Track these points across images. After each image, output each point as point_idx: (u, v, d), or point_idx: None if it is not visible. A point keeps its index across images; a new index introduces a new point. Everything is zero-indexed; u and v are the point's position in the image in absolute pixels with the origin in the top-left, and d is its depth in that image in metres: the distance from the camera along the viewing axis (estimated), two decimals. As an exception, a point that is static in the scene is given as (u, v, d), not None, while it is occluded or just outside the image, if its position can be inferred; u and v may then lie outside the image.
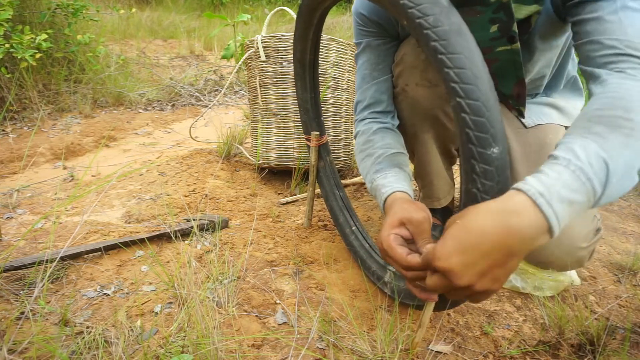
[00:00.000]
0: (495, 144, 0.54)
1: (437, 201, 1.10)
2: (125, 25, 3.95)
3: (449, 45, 0.55)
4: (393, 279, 0.89)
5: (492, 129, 0.54)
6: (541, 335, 0.85)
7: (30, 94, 2.20)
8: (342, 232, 1.10)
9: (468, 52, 0.55)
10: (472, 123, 0.54)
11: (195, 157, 1.75)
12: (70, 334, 0.74)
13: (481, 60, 0.56)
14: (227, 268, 0.96)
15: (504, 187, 0.55)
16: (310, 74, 1.12)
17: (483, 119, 0.54)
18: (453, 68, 0.55)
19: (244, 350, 0.74)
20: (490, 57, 0.79)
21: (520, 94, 0.84)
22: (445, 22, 0.56)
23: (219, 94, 2.21)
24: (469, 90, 0.54)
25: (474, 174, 0.56)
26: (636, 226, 1.41)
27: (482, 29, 0.74)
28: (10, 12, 1.87)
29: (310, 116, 1.18)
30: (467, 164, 0.57)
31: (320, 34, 1.03)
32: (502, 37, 0.74)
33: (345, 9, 6.21)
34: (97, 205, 1.33)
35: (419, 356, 0.77)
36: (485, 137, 0.54)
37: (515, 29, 0.72)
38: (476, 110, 0.54)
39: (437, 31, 0.56)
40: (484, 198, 0.56)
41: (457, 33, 0.56)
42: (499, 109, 0.56)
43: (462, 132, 0.56)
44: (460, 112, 0.55)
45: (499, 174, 0.55)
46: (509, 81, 0.83)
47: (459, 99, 0.55)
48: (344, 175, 1.71)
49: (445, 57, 0.55)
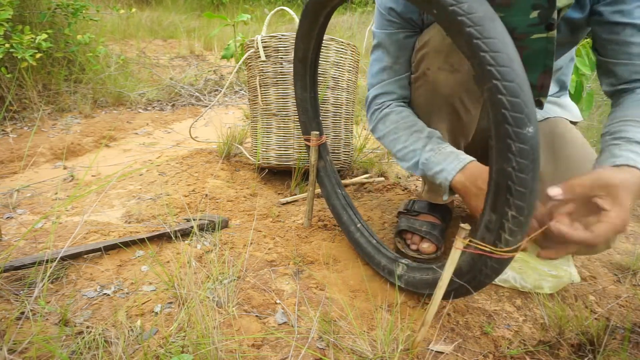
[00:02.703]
0: (530, 123, 0.57)
1: (441, 196, 1.10)
2: (125, 25, 3.94)
3: (485, 30, 0.58)
4: (407, 272, 0.89)
5: (527, 109, 0.57)
6: (541, 335, 0.85)
7: (30, 94, 2.20)
8: (347, 230, 1.10)
9: (502, 37, 0.59)
10: (509, 104, 0.57)
11: (195, 157, 1.75)
12: (70, 334, 0.74)
13: (512, 44, 0.59)
14: (227, 268, 0.96)
15: (536, 166, 0.58)
16: (311, 73, 1.12)
17: (519, 99, 0.57)
18: (489, 52, 0.58)
19: (244, 350, 0.74)
20: (522, 44, 0.79)
21: (545, 85, 0.84)
22: (479, 9, 0.59)
23: (219, 94, 2.21)
24: (505, 73, 0.57)
25: (510, 153, 0.58)
26: (636, 226, 1.41)
27: (523, 13, 0.75)
28: (10, 12, 1.87)
29: (310, 116, 1.18)
30: (502, 143, 0.59)
31: (324, 33, 1.03)
32: (541, 24, 0.75)
33: (345, 9, 6.20)
34: (97, 205, 1.33)
35: (419, 356, 0.77)
36: (521, 117, 0.57)
37: (554, 17, 0.73)
38: (512, 92, 0.57)
39: (472, 17, 0.59)
40: (518, 176, 0.58)
41: (491, 19, 0.59)
42: (531, 90, 0.58)
43: (497, 113, 0.59)
44: (496, 94, 0.58)
45: (533, 152, 0.58)
46: (535, 70, 0.83)
47: (496, 81, 0.58)
48: (343, 175, 1.71)
49: (481, 41, 0.58)
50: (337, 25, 4.90)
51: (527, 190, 0.58)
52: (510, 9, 0.75)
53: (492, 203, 0.63)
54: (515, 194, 0.59)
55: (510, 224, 0.61)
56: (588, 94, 1.60)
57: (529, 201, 0.59)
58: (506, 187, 0.59)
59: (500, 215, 0.61)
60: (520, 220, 0.60)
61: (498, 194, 0.61)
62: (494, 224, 0.63)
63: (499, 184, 0.60)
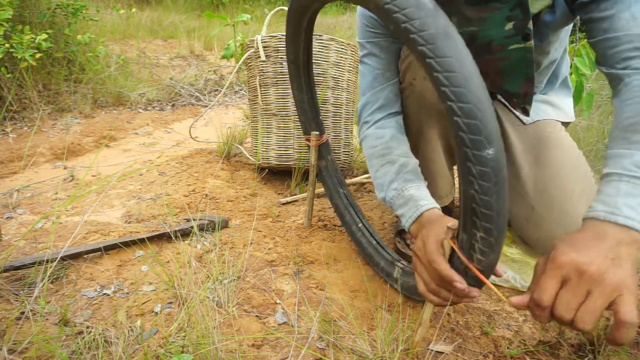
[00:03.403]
0: (490, 145, 0.54)
1: (440, 199, 1.10)
2: (125, 25, 3.94)
3: (437, 48, 0.55)
4: (402, 275, 0.89)
5: (485, 131, 0.54)
6: (541, 335, 0.85)
7: (30, 94, 2.20)
8: (349, 229, 1.10)
9: (457, 55, 0.55)
10: (465, 126, 0.54)
11: (195, 157, 1.75)
12: (70, 334, 0.74)
13: (471, 61, 0.55)
14: (227, 268, 0.96)
15: (501, 187, 0.56)
16: (305, 74, 1.12)
17: (476, 121, 0.54)
18: (442, 72, 0.55)
19: (244, 350, 0.74)
20: (501, 56, 0.79)
21: (528, 93, 0.84)
22: (432, 25, 0.55)
23: (219, 94, 2.21)
24: (459, 94, 0.54)
25: (471, 176, 0.56)
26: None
27: (498, 25, 0.74)
28: (10, 12, 1.87)
29: (309, 117, 1.18)
30: (463, 166, 0.57)
31: (312, 35, 1.02)
32: (517, 35, 0.75)
33: (345, 9, 6.20)
34: (97, 205, 1.33)
35: (419, 356, 0.77)
36: (479, 139, 0.54)
37: (530, 27, 0.73)
38: (468, 113, 0.54)
39: (424, 35, 0.55)
40: (482, 199, 0.56)
41: (444, 36, 0.55)
42: (492, 110, 0.55)
43: (456, 135, 0.56)
44: (452, 116, 0.55)
45: (495, 174, 0.55)
46: (517, 80, 0.83)
47: (450, 103, 0.55)
48: (344, 175, 1.71)
49: (434, 60, 0.55)
50: (337, 25, 4.90)
51: (492, 212, 0.56)
52: (484, 22, 0.75)
53: (462, 224, 0.62)
54: (481, 216, 0.57)
55: (479, 245, 0.59)
56: (588, 94, 1.60)
57: (497, 222, 0.57)
58: (471, 209, 0.58)
59: (470, 236, 0.60)
60: (490, 241, 0.58)
61: (466, 216, 0.60)
62: (465, 244, 0.62)
63: (466, 206, 0.59)
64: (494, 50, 0.79)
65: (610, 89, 0.78)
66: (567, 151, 0.88)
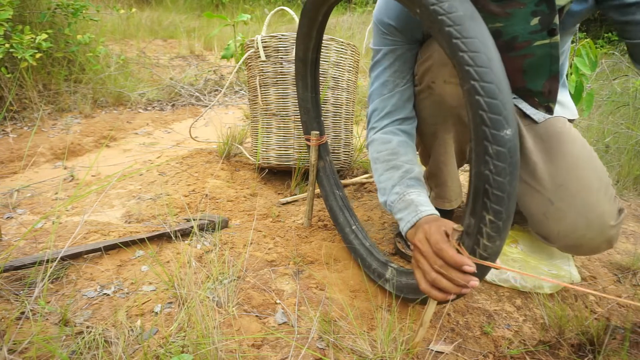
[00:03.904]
0: (508, 125, 0.56)
1: (449, 202, 1.10)
2: (125, 25, 3.94)
3: (464, 29, 0.57)
4: (395, 276, 0.89)
5: (505, 111, 0.56)
6: (541, 335, 0.85)
7: (30, 94, 2.20)
8: (342, 231, 1.10)
9: (482, 37, 0.57)
10: (486, 105, 0.56)
11: (195, 157, 1.75)
12: (70, 334, 0.74)
13: (493, 44, 0.58)
14: (227, 268, 0.96)
15: (514, 170, 0.57)
16: (312, 72, 1.12)
17: (497, 100, 0.55)
18: (467, 52, 0.57)
19: (244, 350, 0.74)
20: (525, 52, 0.79)
21: (552, 90, 0.84)
22: (460, 7, 0.58)
23: (219, 94, 2.21)
24: (483, 73, 0.56)
25: (487, 156, 0.57)
26: (636, 226, 1.41)
27: (523, 21, 0.75)
28: (10, 12, 1.87)
29: (311, 116, 1.18)
30: (480, 146, 0.58)
31: (323, 33, 1.03)
32: (542, 31, 0.75)
33: (345, 9, 6.20)
34: (97, 205, 1.33)
35: (419, 356, 0.77)
36: (499, 118, 0.56)
37: (556, 22, 0.73)
38: (490, 93, 0.56)
39: (452, 17, 0.58)
40: (495, 180, 0.57)
41: (471, 18, 0.58)
42: (510, 92, 0.57)
43: (475, 115, 0.57)
44: (474, 95, 0.57)
45: (511, 155, 0.56)
46: (540, 78, 0.83)
47: (474, 82, 0.56)
48: (343, 175, 1.71)
49: (460, 41, 0.57)
50: (337, 25, 4.90)
51: (504, 194, 0.57)
52: (509, 18, 0.75)
53: (470, 207, 0.62)
54: (492, 197, 0.58)
55: (487, 229, 0.60)
56: (588, 94, 1.60)
57: (507, 205, 0.58)
58: (484, 191, 0.58)
59: (479, 219, 0.60)
60: (498, 225, 0.59)
61: (476, 198, 0.60)
62: (472, 229, 0.62)
63: (477, 188, 0.59)
64: (518, 46, 0.79)
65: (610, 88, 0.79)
66: (580, 145, 0.89)
